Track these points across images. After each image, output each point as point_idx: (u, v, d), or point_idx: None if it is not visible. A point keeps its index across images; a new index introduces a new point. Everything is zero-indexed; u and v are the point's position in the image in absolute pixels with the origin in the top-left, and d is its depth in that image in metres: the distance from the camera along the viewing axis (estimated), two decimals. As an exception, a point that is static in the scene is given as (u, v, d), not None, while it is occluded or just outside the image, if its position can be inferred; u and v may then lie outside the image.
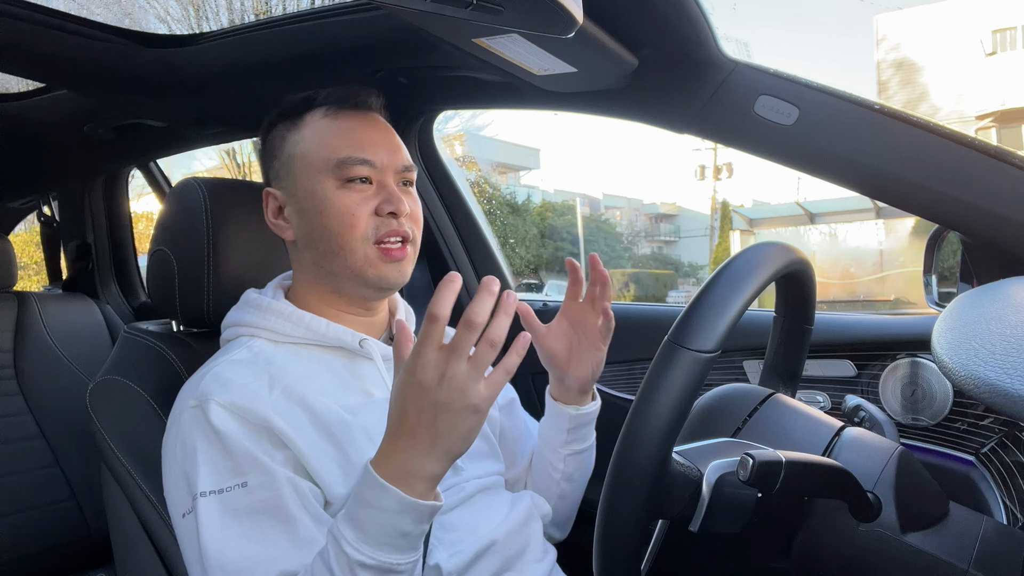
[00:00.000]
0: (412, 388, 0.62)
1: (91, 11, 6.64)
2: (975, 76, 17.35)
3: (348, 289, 0.87)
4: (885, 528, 0.64)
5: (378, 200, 0.84)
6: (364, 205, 0.84)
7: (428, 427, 0.62)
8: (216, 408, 0.75)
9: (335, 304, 0.88)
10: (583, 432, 0.99)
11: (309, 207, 0.85)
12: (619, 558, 0.63)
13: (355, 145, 0.85)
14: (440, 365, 0.61)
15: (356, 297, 0.88)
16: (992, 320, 0.55)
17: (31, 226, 5.76)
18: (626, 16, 0.87)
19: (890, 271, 12.58)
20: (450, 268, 1.58)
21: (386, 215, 0.84)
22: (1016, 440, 0.96)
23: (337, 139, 0.85)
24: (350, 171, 0.83)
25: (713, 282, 0.64)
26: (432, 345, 0.61)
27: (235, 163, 11.10)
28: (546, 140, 63.18)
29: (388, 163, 0.86)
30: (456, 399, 0.61)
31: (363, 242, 0.83)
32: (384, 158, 0.86)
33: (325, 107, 0.88)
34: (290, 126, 0.88)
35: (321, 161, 0.84)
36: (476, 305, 0.60)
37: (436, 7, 0.70)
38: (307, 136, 0.87)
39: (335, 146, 0.85)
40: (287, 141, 0.88)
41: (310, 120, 0.87)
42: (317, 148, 0.85)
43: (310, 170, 0.85)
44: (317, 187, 0.84)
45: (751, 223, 20.25)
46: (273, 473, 0.73)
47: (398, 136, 0.91)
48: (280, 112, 0.90)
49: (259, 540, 0.71)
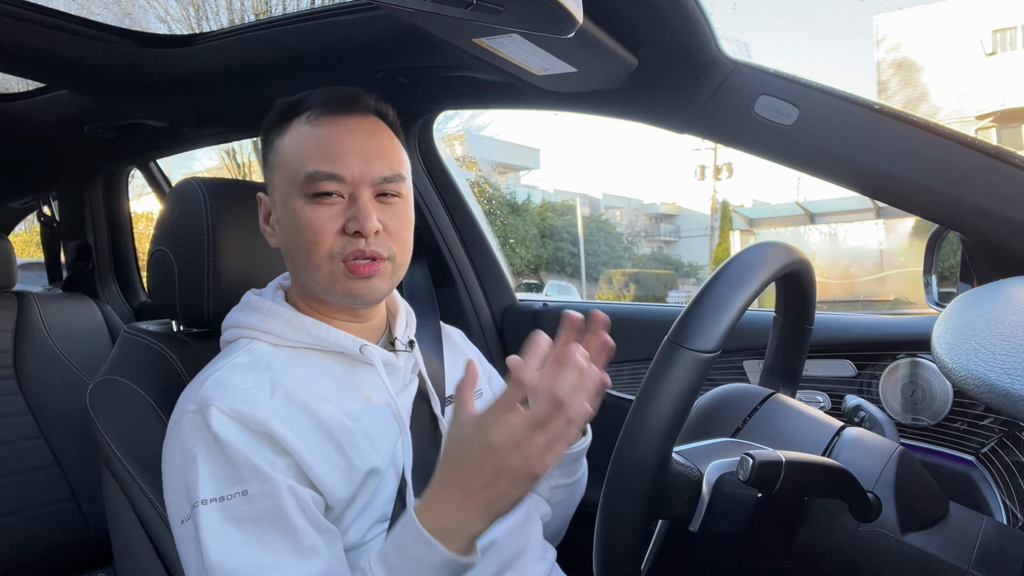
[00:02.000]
0: (480, 447, 0.62)
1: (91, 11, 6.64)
2: (975, 76, 17.35)
3: (328, 299, 0.86)
4: (885, 528, 0.64)
5: (345, 217, 0.80)
6: (331, 222, 0.80)
7: (486, 488, 0.62)
8: (217, 414, 0.74)
9: (324, 311, 0.87)
10: (570, 468, 0.98)
11: (283, 219, 0.83)
12: (619, 558, 0.63)
13: (325, 158, 0.80)
14: (518, 432, 0.60)
15: (337, 306, 0.87)
16: (992, 320, 0.55)
17: (31, 226, 5.76)
18: (626, 16, 0.87)
19: (890, 271, 12.57)
20: (450, 268, 1.58)
21: (352, 234, 0.80)
22: (1016, 440, 0.96)
23: (310, 150, 0.81)
24: (316, 186, 0.80)
25: (713, 282, 0.64)
26: (514, 409, 0.61)
27: (235, 163, 11.11)
28: (546, 140, 63.16)
29: (361, 175, 0.80)
30: (523, 467, 0.61)
31: (328, 260, 0.80)
32: (356, 169, 0.80)
33: (309, 112, 0.83)
34: (278, 132, 0.85)
35: (292, 174, 0.81)
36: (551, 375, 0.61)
37: (436, 7, 0.70)
38: (287, 145, 0.84)
39: (306, 158, 0.81)
40: (272, 148, 0.86)
41: (294, 127, 0.84)
42: (292, 159, 0.82)
43: (284, 183, 0.83)
44: (288, 200, 0.82)
45: (751, 223, 20.25)
46: (274, 481, 0.73)
47: (392, 142, 0.86)
48: (273, 115, 0.88)
49: (261, 548, 0.71)
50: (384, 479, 0.81)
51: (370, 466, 0.79)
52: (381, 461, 0.80)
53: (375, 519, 0.80)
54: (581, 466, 1.00)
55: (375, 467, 0.79)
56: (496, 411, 0.62)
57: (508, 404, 0.61)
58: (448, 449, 0.66)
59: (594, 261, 18.83)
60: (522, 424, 0.60)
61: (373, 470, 0.79)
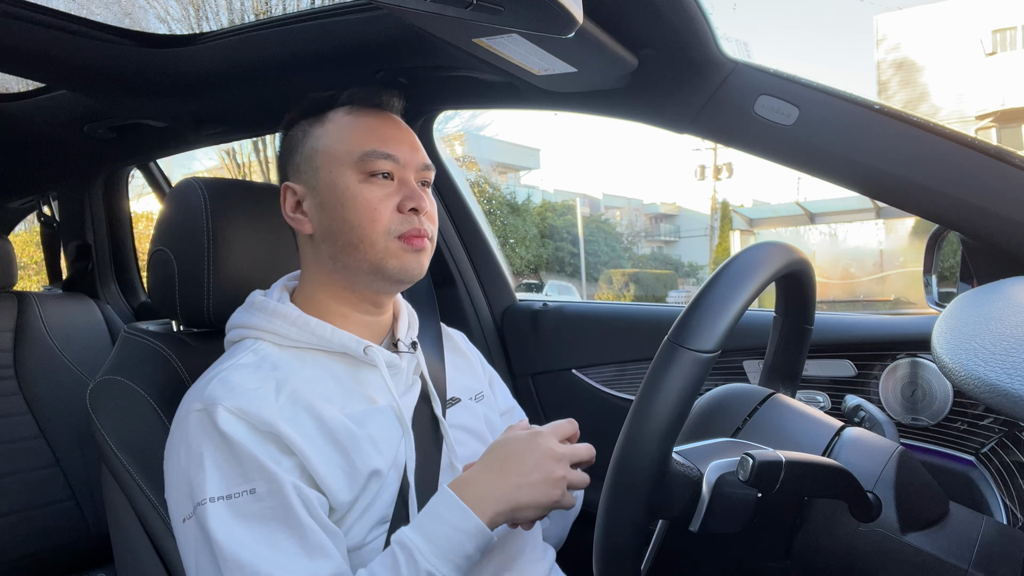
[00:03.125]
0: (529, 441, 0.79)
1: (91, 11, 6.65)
2: (975, 76, 17.35)
3: (363, 284, 0.87)
4: (885, 528, 0.64)
5: (400, 196, 0.85)
6: (387, 200, 0.84)
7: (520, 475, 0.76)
8: (224, 413, 0.75)
9: (346, 301, 0.88)
10: None
11: (330, 200, 0.85)
12: (619, 558, 0.63)
13: (378, 140, 0.86)
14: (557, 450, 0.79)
15: (370, 292, 0.88)
16: (992, 320, 0.55)
17: (31, 226, 5.76)
18: (626, 16, 0.87)
19: (890, 271, 12.58)
20: (450, 268, 1.58)
21: (408, 211, 0.85)
22: (1016, 440, 0.96)
23: (361, 134, 0.86)
24: (373, 165, 0.84)
25: (713, 282, 0.64)
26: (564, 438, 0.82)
27: (235, 163, 11.11)
28: (546, 140, 63.20)
29: (410, 160, 0.87)
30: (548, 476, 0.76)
31: (384, 236, 0.84)
32: (406, 154, 0.87)
33: (348, 105, 0.89)
34: (313, 122, 0.89)
35: (345, 154, 0.85)
36: None
37: (436, 7, 0.70)
38: (331, 131, 0.87)
39: (359, 140, 0.85)
40: (309, 135, 0.88)
41: (333, 116, 0.88)
42: (341, 142, 0.86)
43: (333, 163, 0.85)
44: (339, 180, 0.84)
45: (751, 223, 20.24)
46: (280, 480, 0.73)
47: (418, 139, 0.92)
48: (303, 108, 0.91)
49: (271, 546, 0.71)
50: (386, 481, 0.81)
51: (372, 468, 0.79)
52: (383, 463, 0.81)
53: (376, 521, 0.80)
54: None
55: (377, 469, 0.80)
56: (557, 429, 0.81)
57: (562, 434, 0.81)
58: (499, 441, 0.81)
59: (594, 261, 18.83)
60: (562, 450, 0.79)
61: (375, 472, 0.79)
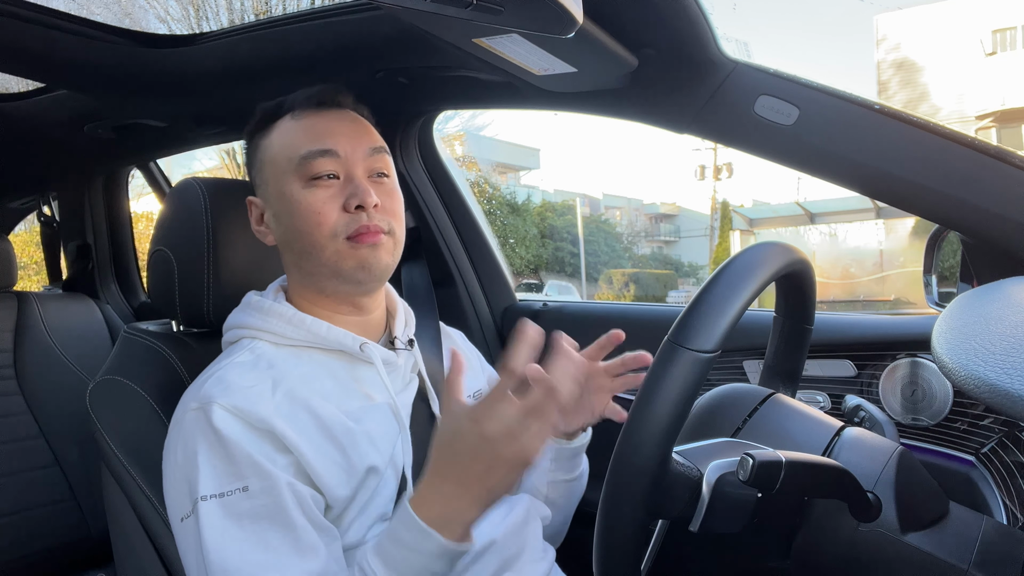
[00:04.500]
0: (475, 438, 0.63)
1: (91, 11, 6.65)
2: (975, 76, 17.35)
3: (331, 288, 0.86)
4: (885, 528, 0.64)
5: (344, 195, 0.83)
6: (331, 202, 0.83)
7: (481, 478, 0.64)
8: (219, 411, 0.75)
9: (325, 305, 0.88)
10: (569, 464, 0.98)
11: (281, 210, 0.85)
12: (619, 558, 0.63)
13: (315, 139, 0.84)
14: (512, 422, 0.62)
15: (341, 295, 0.87)
16: (992, 320, 0.55)
17: (31, 226, 5.76)
18: (626, 16, 0.87)
19: (890, 271, 12.58)
20: (450, 268, 1.58)
21: (353, 210, 0.82)
22: (1016, 440, 0.96)
23: (299, 137, 0.85)
24: (313, 166, 0.83)
25: (713, 282, 0.64)
26: (506, 399, 0.62)
27: (235, 163, 11.09)
28: (546, 140, 63.18)
29: (352, 150, 0.84)
30: (518, 455, 0.62)
31: (332, 239, 0.82)
32: (346, 145, 0.84)
33: (293, 111, 0.88)
34: (263, 133, 0.90)
35: (286, 161, 0.85)
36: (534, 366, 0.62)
37: (436, 7, 0.70)
38: (274, 140, 0.87)
39: (298, 143, 0.84)
40: (259, 148, 0.89)
41: (279, 125, 0.88)
42: (282, 149, 0.86)
43: (278, 173, 0.86)
44: (285, 189, 0.84)
45: (751, 223, 20.24)
46: (274, 478, 0.73)
47: (369, 125, 0.90)
48: (255, 122, 0.91)
49: (261, 546, 0.71)
50: (384, 478, 0.81)
51: (369, 464, 0.79)
52: (380, 460, 0.81)
53: (375, 518, 0.80)
54: (581, 462, 1.00)
55: (374, 466, 0.80)
56: (490, 402, 0.63)
57: (500, 394, 0.62)
58: (441, 440, 0.67)
59: (594, 261, 18.83)
60: (516, 413, 0.62)
61: (372, 469, 0.79)
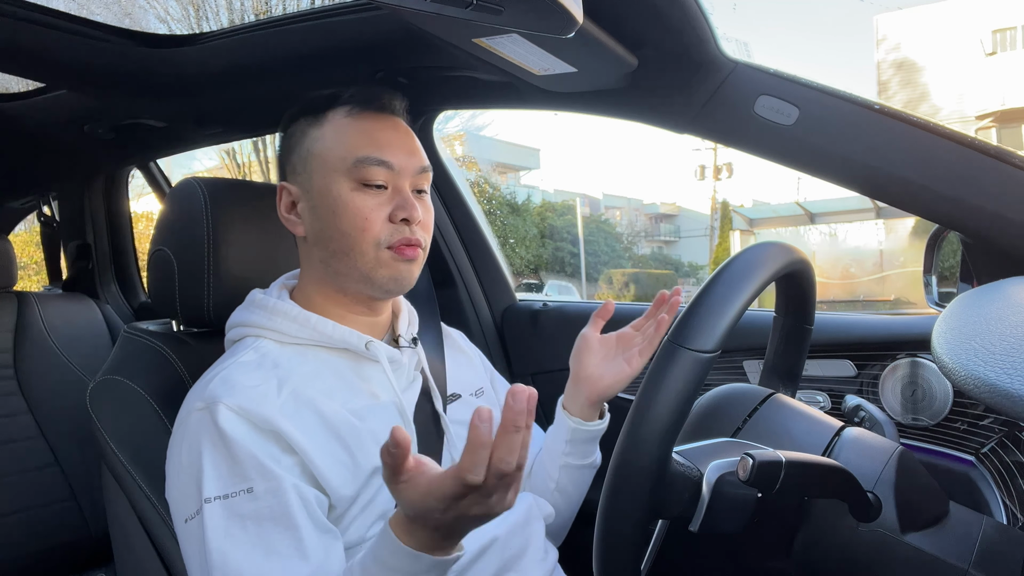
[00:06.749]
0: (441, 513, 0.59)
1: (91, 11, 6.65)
2: (975, 76, 17.35)
3: (354, 289, 0.86)
4: (885, 528, 0.64)
5: (392, 206, 0.84)
6: (378, 210, 0.83)
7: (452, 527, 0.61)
8: (224, 411, 0.74)
9: (340, 303, 0.88)
10: (583, 448, 0.98)
11: (322, 205, 0.84)
12: (619, 558, 0.63)
13: (373, 145, 0.84)
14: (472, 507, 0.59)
15: (363, 296, 0.88)
16: (992, 320, 0.55)
17: (31, 226, 5.76)
18: (626, 16, 0.87)
19: (890, 271, 12.57)
20: (450, 268, 1.58)
21: (399, 222, 0.83)
22: (1016, 440, 0.96)
23: (356, 138, 0.84)
24: (367, 172, 0.83)
25: (713, 282, 0.64)
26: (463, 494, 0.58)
27: (235, 163, 11.10)
28: (546, 140, 63.17)
29: (405, 165, 0.85)
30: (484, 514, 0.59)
31: (375, 246, 0.83)
32: (402, 160, 0.85)
33: (348, 106, 0.87)
34: (312, 122, 0.87)
35: (339, 160, 0.84)
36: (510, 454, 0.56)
37: (436, 7, 0.70)
38: (327, 133, 0.86)
39: (354, 145, 0.84)
40: (307, 136, 0.87)
41: (332, 118, 0.86)
42: (336, 146, 0.85)
43: (327, 168, 0.84)
44: (332, 186, 0.83)
45: (751, 223, 20.23)
46: (279, 479, 0.73)
47: (418, 141, 0.90)
48: (302, 107, 0.89)
49: (264, 548, 0.71)
50: None
51: (375, 464, 0.79)
52: None
53: (376, 516, 0.80)
54: (594, 451, 1.00)
55: (380, 465, 0.80)
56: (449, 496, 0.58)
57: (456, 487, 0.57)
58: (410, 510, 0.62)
59: (594, 261, 18.82)
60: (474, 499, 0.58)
61: (378, 468, 0.79)
